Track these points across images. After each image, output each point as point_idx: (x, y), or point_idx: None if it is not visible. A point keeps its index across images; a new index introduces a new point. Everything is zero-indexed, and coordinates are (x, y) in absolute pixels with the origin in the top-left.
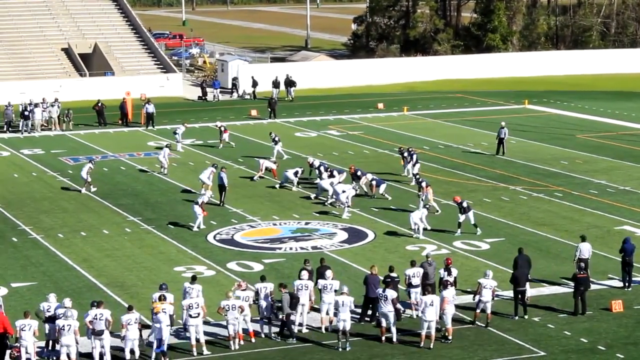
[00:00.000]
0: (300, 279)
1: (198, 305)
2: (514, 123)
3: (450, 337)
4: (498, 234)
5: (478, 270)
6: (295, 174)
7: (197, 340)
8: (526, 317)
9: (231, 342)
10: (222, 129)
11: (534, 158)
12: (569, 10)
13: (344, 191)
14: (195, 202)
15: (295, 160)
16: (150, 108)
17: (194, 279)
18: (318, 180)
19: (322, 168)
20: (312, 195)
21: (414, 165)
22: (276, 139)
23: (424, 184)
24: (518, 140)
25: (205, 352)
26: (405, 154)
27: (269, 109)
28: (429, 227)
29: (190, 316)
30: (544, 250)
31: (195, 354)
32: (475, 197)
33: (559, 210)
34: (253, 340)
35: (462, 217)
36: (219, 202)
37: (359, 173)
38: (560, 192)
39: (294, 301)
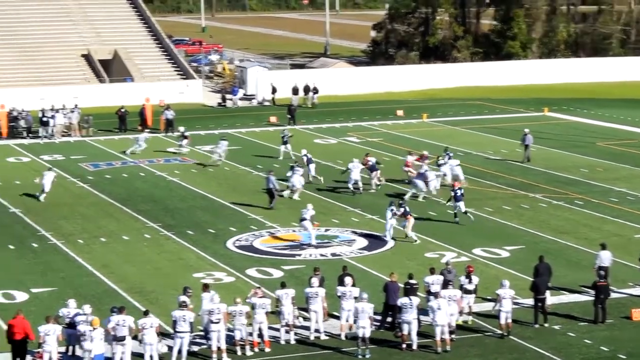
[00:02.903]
0: (310, 286)
1: (220, 310)
2: (533, 130)
3: (439, 349)
4: (518, 242)
5: (498, 278)
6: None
7: (218, 348)
8: (546, 325)
9: (238, 348)
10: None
11: (554, 165)
12: (589, 17)
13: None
14: (303, 218)
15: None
16: (170, 114)
17: (206, 287)
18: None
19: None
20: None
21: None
22: (285, 139)
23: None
24: (538, 147)
25: (225, 359)
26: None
27: (289, 116)
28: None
29: (212, 322)
30: (564, 258)
31: None
32: (495, 205)
33: (579, 218)
34: (267, 349)
35: (459, 205)
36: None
37: (374, 165)
38: (580, 200)
39: None
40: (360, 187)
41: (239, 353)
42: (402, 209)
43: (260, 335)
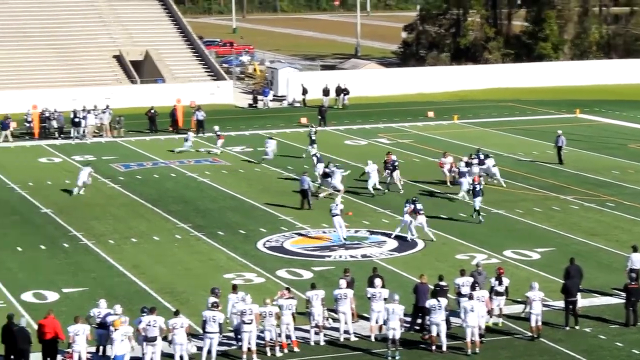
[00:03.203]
0: (339, 288)
1: (252, 311)
2: (565, 132)
3: (469, 351)
4: (549, 244)
5: (529, 280)
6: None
7: (249, 349)
8: (577, 327)
9: (268, 349)
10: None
11: (585, 167)
12: (621, 18)
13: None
14: (334, 214)
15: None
16: (201, 115)
17: (234, 288)
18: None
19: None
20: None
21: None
22: (313, 137)
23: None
24: (569, 149)
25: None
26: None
27: (319, 117)
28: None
29: (244, 322)
30: (595, 260)
31: None
32: (526, 207)
33: (611, 220)
34: (296, 349)
35: (475, 201)
36: (300, 207)
37: (396, 164)
38: (611, 202)
39: None
40: (381, 189)
41: (269, 354)
42: (411, 206)
43: (288, 336)
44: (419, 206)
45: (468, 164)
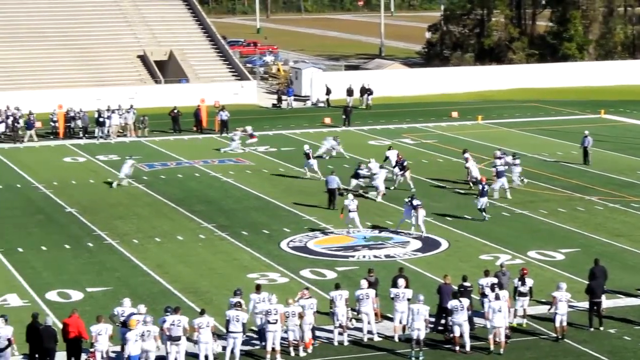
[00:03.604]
0: (360, 288)
1: (277, 311)
2: (590, 133)
3: (492, 347)
4: (573, 245)
5: (553, 280)
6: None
7: (273, 349)
8: (601, 328)
9: (292, 349)
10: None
11: (610, 168)
12: None
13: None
14: (351, 210)
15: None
16: (224, 115)
17: (258, 288)
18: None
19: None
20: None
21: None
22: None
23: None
24: (594, 150)
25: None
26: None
27: (344, 116)
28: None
29: (269, 322)
30: (619, 261)
31: None
32: (550, 207)
33: (636, 221)
34: (309, 350)
35: (481, 201)
36: (327, 207)
37: (405, 163)
38: (636, 203)
39: None
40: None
41: (292, 354)
42: (413, 201)
43: (313, 335)
44: (415, 202)
45: (506, 163)
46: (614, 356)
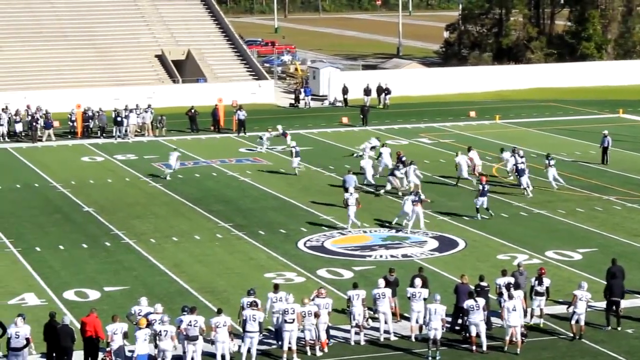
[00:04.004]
0: (377, 287)
1: (294, 311)
2: (608, 132)
3: (506, 347)
4: (591, 245)
5: (570, 280)
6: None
7: (289, 348)
8: (619, 329)
9: (308, 348)
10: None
11: (629, 168)
12: None
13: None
14: (348, 204)
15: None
16: (242, 115)
17: (276, 288)
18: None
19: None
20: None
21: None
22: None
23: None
24: (612, 149)
25: (296, 359)
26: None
27: (361, 116)
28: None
29: (286, 321)
30: (637, 261)
31: None
32: (569, 207)
33: None
34: (325, 349)
35: (480, 200)
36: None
37: (403, 159)
38: None
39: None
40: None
41: (309, 353)
42: (415, 197)
43: (326, 335)
44: (414, 197)
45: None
46: (631, 357)
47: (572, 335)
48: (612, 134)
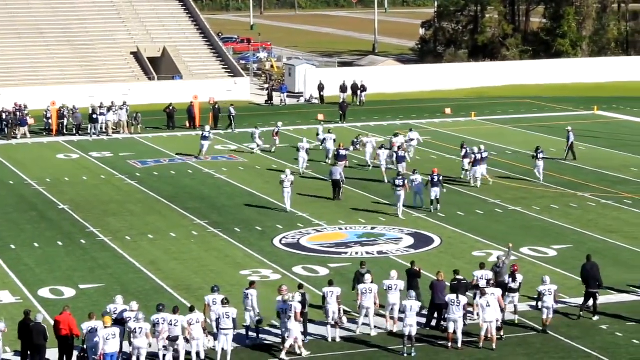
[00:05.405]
0: (364, 282)
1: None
2: (583, 129)
3: (481, 344)
4: (565, 241)
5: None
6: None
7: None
8: (595, 318)
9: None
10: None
11: (604, 165)
12: None
13: None
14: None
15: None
16: (233, 111)
17: (251, 284)
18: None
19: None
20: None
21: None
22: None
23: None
24: (587, 146)
25: (305, 353)
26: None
27: (340, 112)
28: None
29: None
30: (612, 258)
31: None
32: (543, 204)
33: (629, 217)
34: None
35: (432, 191)
36: (333, 197)
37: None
38: (630, 200)
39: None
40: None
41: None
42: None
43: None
44: (398, 182)
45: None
46: (605, 352)
47: (542, 328)
48: (587, 131)
